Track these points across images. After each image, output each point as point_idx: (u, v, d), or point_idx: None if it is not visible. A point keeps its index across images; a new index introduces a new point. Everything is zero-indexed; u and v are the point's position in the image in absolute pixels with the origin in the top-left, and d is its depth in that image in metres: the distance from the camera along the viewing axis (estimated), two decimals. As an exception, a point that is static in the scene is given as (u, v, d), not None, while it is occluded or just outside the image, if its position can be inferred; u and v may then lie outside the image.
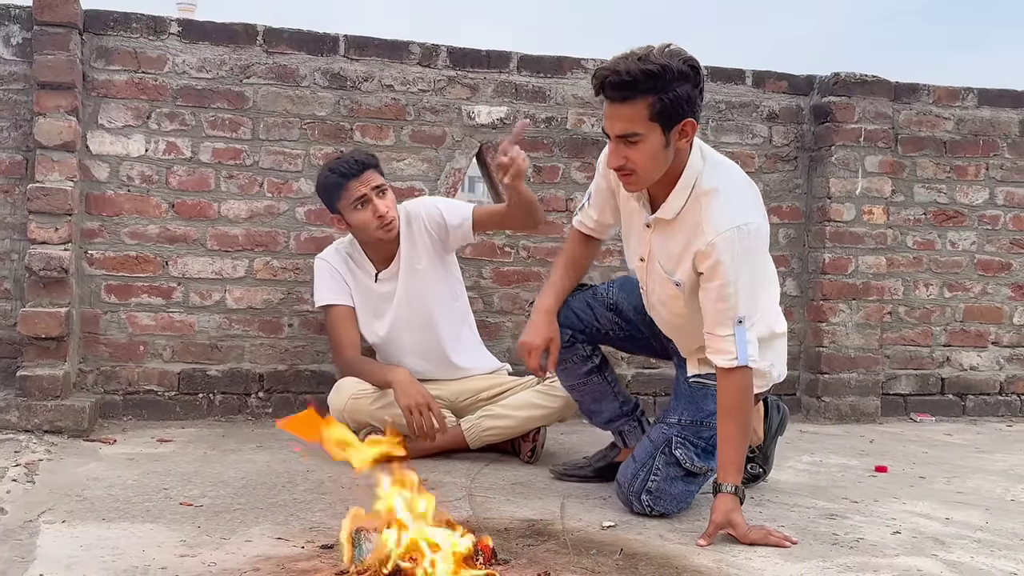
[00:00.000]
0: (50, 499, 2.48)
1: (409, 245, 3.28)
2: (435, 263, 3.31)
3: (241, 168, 3.76)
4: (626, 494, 2.55)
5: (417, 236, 3.28)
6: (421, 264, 3.28)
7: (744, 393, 2.37)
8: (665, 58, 2.23)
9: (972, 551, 2.30)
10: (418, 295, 3.29)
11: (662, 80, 2.21)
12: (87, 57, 3.60)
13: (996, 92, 4.51)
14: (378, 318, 3.31)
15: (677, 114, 2.26)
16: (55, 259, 3.38)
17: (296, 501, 2.56)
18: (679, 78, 2.23)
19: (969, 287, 4.50)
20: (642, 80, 2.20)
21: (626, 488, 2.55)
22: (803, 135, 4.33)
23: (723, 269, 2.31)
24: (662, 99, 2.22)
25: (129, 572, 1.94)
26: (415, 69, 3.91)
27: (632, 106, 2.23)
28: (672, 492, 2.52)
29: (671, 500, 2.53)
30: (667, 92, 2.22)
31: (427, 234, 3.28)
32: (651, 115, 2.24)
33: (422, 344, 3.31)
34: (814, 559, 2.20)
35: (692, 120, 2.30)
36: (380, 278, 3.30)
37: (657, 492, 2.51)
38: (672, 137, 2.29)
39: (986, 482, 3.13)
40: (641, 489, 2.51)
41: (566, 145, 4.07)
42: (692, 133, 2.33)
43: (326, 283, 3.30)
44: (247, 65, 3.75)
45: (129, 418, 3.66)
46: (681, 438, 2.55)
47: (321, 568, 1.98)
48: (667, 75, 2.21)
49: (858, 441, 3.79)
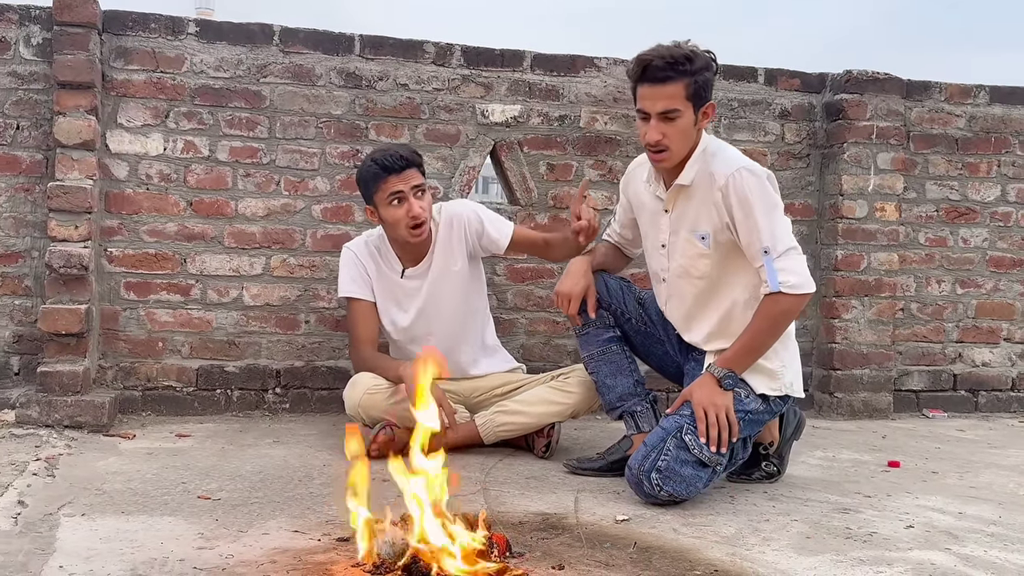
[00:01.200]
0: (70, 493, 2.49)
1: (447, 247, 3.26)
2: (469, 266, 3.31)
3: (258, 166, 3.76)
4: (636, 474, 2.54)
5: (456, 239, 3.27)
6: (457, 266, 3.27)
7: (775, 317, 2.58)
8: (688, 48, 2.56)
9: (985, 545, 2.29)
10: (449, 295, 3.28)
11: (696, 65, 2.54)
12: (106, 57, 3.61)
13: (1008, 89, 4.48)
14: (402, 311, 3.29)
15: (704, 97, 2.59)
16: (75, 256, 3.38)
17: (312, 495, 2.55)
18: (706, 66, 2.58)
19: (981, 283, 4.47)
20: (682, 63, 2.53)
21: (636, 468, 2.55)
22: (815, 132, 4.30)
23: (739, 206, 2.57)
24: (696, 81, 2.54)
25: (147, 564, 1.94)
26: (429, 68, 3.91)
27: (673, 86, 2.53)
28: (682, 473, 2.52)
29: (680, 481, 2.52)
30: (699, 76, 2.55)
31: (466, 239, 3.27)
32: (687, 95, 2.55)
33: (445, 343, 3.27)
34: (828, 552, 2.18)
35: (713, 103, 2.63)
36: (407, 275, 3.28)
37: (666, 471, 2.51)
38: (699, 117, 2.60)
39: (999, 477, 3.10)
40: (651, 468, 2.51)
41: (579, 143, 4.06)
42: (712, 115, 2.64)
43: (349, 274, 3.28)
44: (264, 65, 3.75)
45: (148, 413, 3.67)
46: (692, 427, 2.56)
47: (337, 560, 1.98)
48: (698, 62, 2.55)
49: (871, 437, 3.77)
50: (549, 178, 4.03)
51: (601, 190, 4.06)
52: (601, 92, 4.06)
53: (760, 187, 2.59)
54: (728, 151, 2.68)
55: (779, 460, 2.93)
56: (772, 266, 2.55)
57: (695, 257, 2.70)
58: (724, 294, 2.71)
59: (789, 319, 2.63)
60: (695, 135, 2.63)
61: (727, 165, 2.60)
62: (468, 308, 3.34)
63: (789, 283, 2.54)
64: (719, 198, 2.60)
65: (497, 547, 1.99)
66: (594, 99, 4.06)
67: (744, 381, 2.63)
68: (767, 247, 2.56)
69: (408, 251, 3.25)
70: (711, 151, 2.65)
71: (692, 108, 2.56)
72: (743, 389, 2.62)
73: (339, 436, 3.33)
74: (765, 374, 2.66)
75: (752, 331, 2.60)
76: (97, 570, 1.89)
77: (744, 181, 2.57)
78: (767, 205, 2.58)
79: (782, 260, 2.55)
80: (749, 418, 2.64)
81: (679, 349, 2.91)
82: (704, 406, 2.57)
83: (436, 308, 3.27)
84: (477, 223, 3.27)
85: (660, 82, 2.53)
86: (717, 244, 2.66)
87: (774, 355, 2.66)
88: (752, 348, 2.61)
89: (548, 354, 4.02)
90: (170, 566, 1.93)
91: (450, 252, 3.26)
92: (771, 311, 2.57)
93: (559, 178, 4.05)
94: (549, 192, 4.03)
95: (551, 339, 4.04)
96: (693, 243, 2.69)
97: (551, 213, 4.02)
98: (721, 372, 2.60)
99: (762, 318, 2.59)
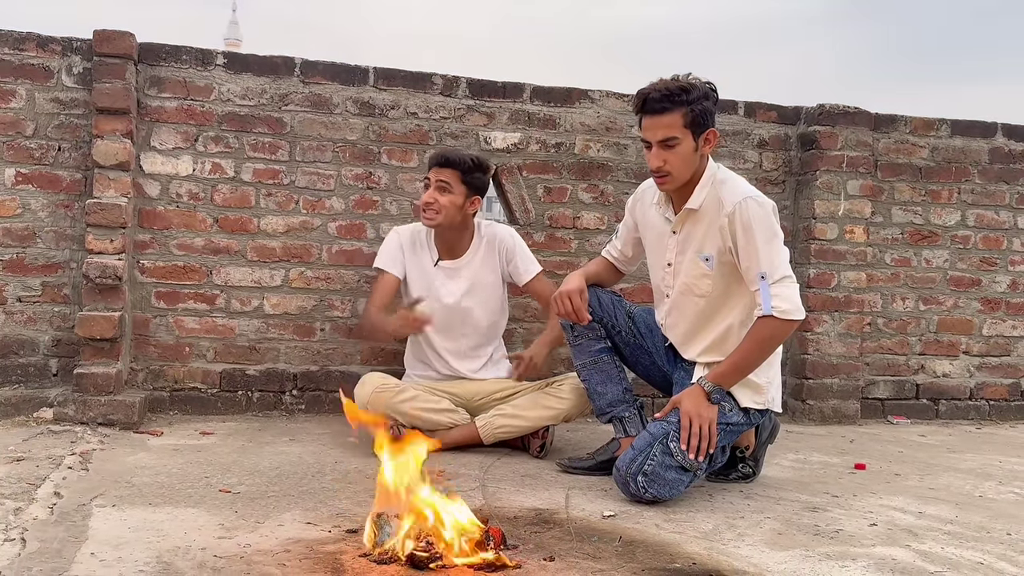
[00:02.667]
0: (102, 485, 2.49)
1: (482, 260, 3.35)
2: (498, 282, 3.40)
3: (279, 187, 3.77)
4: (624, 476, 2.55)
5: (490, 256, 3.37)
6: (489, 278, 3.36)
7: (764, 339, 2.56)
8: (691, 79, 2.58)
9: (943, 542, 2.29)
10: (478, 295, 3.34)
11: (692, 95, 2.54)
12: (141, 85, 3.62)
13: (967, 123, 4.49)
14: (447, 291, 3.33)
15: (704, 124, 2.58)
16: (110, 268, 3.39)
17: (324, 489, 2.56)
18: (704, 96, 2.57)
19: (942, 301, 4.48)
20: (678, 94, 2.53)
21: (624, 470, 2.55)
22: (790, 161, 4.31)
23: (743, 232, 2.55)
24: (693, 110, 2.54)
25: (172, 552, 1.94)
26: (437, 98, 3.92)
27: (671, 115, 2.54)
28: (666, 477, 2.52)
29: (664, 484, 2.52)
30: (696, 105, 2.54)
31: (501, 260, 3.37)
32: (685, 123, 2.55)
33: (463, 346, 3.36)
34: (797, 548, 2.18)
35: (715, 130, 2.61)
36: (441, 264, 3.35)
37: (652, 475, 2.51)
38: (700, 143, 2.59)
39: (956, 479, 3.10)
40: (638, 471, 2.51)
41: (574, 168, 4.07)
42: (714, 141, 2.62)
43: (388, 251, 3.36)
44: (285, 94, 3.76)
45: (175, 412, 3.67)
46: (678, 434, 2.56)
47: (346, 551, 1.98)
48: (696, 92, 2.55)
49: (839, 441, 3.77)
50: (546, 200, 4.04)
51: (593, 212, 4.07)
52: (595, 122, 4.07)
53: (764, 216, 2.56)
54: (738, 181, 2.66)
55: (755, 462, 2.93)
56: (767, 291, 2.53)
57: (699, 276, 2.68)
58: (723, 314, 2.69)
59: (777, 343, 2.61)
60: (697, 160, 2.61)
61: (735, 194, 2.58)
62: (492, 319, 3.41)
63: (781, 308, 2.52)
64: (725, 223, 2.58)
65: (493, 539, 1.99)
66: (588, 128, 4.07)
67: (730, 395, 2.63)
68: (764, 272, 2.53)
69: (445, 243, 3.34)
70: (720, 179, 2.64)
71: (691, 135, 2.56)
72: (728, 403, 2.62)
73: (350, 435, 3.34)
74: (751, 388, 2.65)
75: (742, 351, 2.58)
76: (125, 557, 1.90)
77: (750, 209, 2.55)
78: (768, 234, 2.56)
79: (777, 287, 2.53)
80: (730, 429, 2.65)
81: (667, 359, 2.91)
82: (691, 415, 2.56)
83: (457, 302, 3.32)
84: (511, 251, 3.38)
85: (658, 113, 2.55)
86: (720, 265, 2.64)
87: (761, 371, 2.65)
88: (741, 367, 2.59)
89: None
90: (192, 554, 1.93)
91: (485, 264, 3.36)
92: (761, 333, 2.55)
93: (555, 200, 4.06)
94: (546, 212, 4.04)
95: (546, 348, 4.03)
96: (698, 264, 2.67)
97: (547, 232, 4.03)
98: (711, 387, 2.58)
99: (752, 339, 2.57)
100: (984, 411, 4.51)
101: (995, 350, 4.54)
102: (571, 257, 4.01)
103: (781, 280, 2.55)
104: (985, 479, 3.13)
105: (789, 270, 2.58)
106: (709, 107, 2.58)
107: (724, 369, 2.60)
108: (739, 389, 2.63)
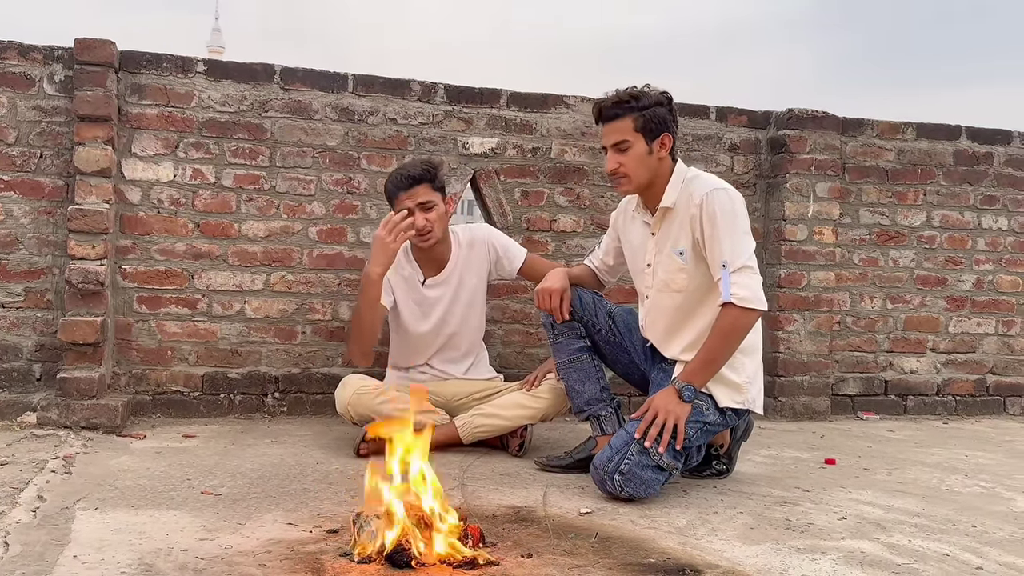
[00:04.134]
0: (85, 488, 2.47)
1: (465, 264, 3.32)
2: (481, 286, 3.37)
3: (260, 192, 3.76)
4: (601, 474, 2.55)
5: (475, 259, 3.33)
6: (472, 282, 3.33)
7: (726, 330, 2.57)
8: (643, 88, 2.67)
9: (910, 535, 2.31)
10: (462, 303, 3.32)
11: (643, 102, 2.63)
12: (122, 92, 3.60)
13: (932, 126, 4.54)
14: (424, 317, 3.30)
15: (656, 129, 2.64)
16: (92, 273, 3.37)
17: (306, 490, 2.54)
18: (655, 103, 2.65)
19: (909, 299, 4.51)
20: (628, 100, 2.63)
21: (601, 469, 2.55)
22: (761, 164, 4.34)
23: (708, 221, 2.59)
24: (643, 115, 2.63)
25: (154, 554, 1.93)
26: (416, 104, 3.92)
27: (622, 121, 2.64)
28: (642, 477, 2.53)
29: (640, 484, 2.53)
30: (647, 111, 2.63)
31: (484, 260, 3.34)
32: (635, 128, 2.63)
33: (450, 352, 3.36)
34: (768, 542, 2.20)
35: (669, 134, 2.67)
36: (428, 284, 3.31)
37: (628, 474, 2.51)
38: (654, 147, 2.65)
39: (923, 473, 3.13)
40: (615, 470, 2.52)
41: (551, 172, 4.08)
42: (670, 144, 2.68)
43: None
44: (265, 100, 3.75)
45: (158, 416, 3.65)
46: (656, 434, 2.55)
47: (327, 550, 1.98)
48: (646, 99, 2.64)
49: (810, 437, 3.79)
50: (523, 203, 4.05)
51: (570, 215, 4.08)
52: (570, 127, 4.08)
53: (730, 206, 2.59)
54: (707, 176, 2.71)
55: (728, 460, 2.94)
56: (727, 279, 2.54)
57: (675, 272, 2.69)
58: (700, 312, 2.69)
59: (741, 334, 2.58)
60: (655, 163, 2.66)
61: (705, 186, 2.63)
62: (472, 319, 3.38)
63: (739, 296, 2.53)
64: (696, 213, 2.61)
65: (472, 537, 2.00)
66: (564, 133, 4.08)
67: (707, 395, 2.63)
68: (726, 261, 2.55)
69: (428, 259, 3.29)
70: (690, 176, 2.69)
71: (643, 139, 2.63)
72: (704, 402, 2.62)
73: (332, 437, 3.33)
74: (731, 387, 2.65)
75: (707, 345, 2.59)
76: (108, 559, 1.88)
77: (717, 199, 2.59)
78: (733, 224, 2.58)
79: (738, 275, 2.54)
80: (707, 428, 2.65)
81: (646, 358, 2.92)
82: (659, 409, 2.57)
83: (452, 317, 3.31)
84: (497, 245, 3.37)
85: (611, 119, 2.65)
86: (695, 259, 2.65)
87: (741, 369, 2.66)
88: (708, 361, 2.59)
89: (522, 362, 4.02)
90: (174, 555, 1.92)
91: (467, 269, 3.33)
92: (723, 323, 2.56)
93: (532, 203, 4.06)
94: (523, 216, 4.05)
95: (524, 348, 4.04)
96: (673, 259, 2.69)
97: (524, 235, 4.03)
98: (680, 384, 2.59)
99: (716, 331, 2.57)
100: (951, 406, 4.55)
101: (961, 347, 4.58)
102: (548, 259, 4.00)
103: (741, 269, 2.55)
104: (951, 473, 3.16)
105: (753, 261, 2.59)
106: (662, 113, 2.64)
107: (694, 366, 2.60)
108: (718, 388, 2.64)
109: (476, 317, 3.40)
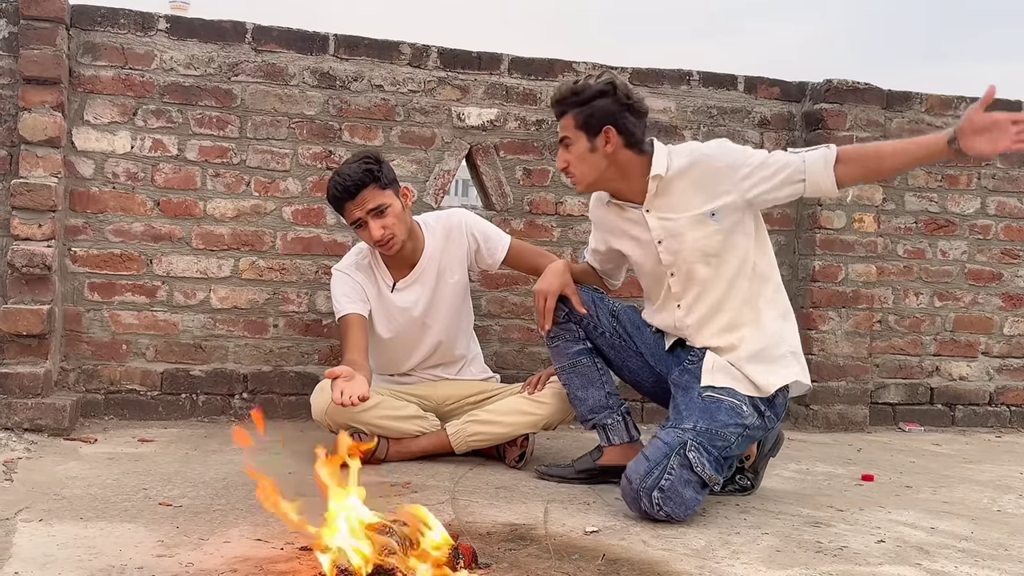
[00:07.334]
0: (28, 497, 2.48)
1: (444, 257, 3.26)
2: (463, 278, 3.32)
3: (228, 167, 3.76)
4: (636, 490, 2.53)
5: (455, 251, 3.28)
6: (454, 278, 3.28)
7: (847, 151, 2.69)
8: (587, 82, 2.76)
9: (956, 560, 2.31)
10: (444, 305, 3.27)
11: (583, 96, 2.73)
12: (74, 52, 3.60)
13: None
14: (390, 325, 3.26)
15: (597, 124, 2.72)
16: (38, 256, 3.37)
17: (277, 503, 2.55)
18: (597, 96, 2.72)
19: (959, 296, 4.52)
20: (568, 97, 2.76)
21: (637, 484, 2.53)
22: (794, 141, 4.34)
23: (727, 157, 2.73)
24: (582, 112, 2.73)
25: (105, 571, 1.93)
26: (405, 69, 3.92)
27: (565, 119, 2.78)
28: (683, 495, 2.53)
29: (680, 503, 2.52)
30: (584, 107, 2.72)
31: (464, 250, 3.28)
32: (576, 125, 2.75)
33: (437, 361, 3.35)
34: (797, 567, 2.20)
35: (611, 127, 2.72)
36: (397, 287, 3.25)
37: (669, 491, 2.51)
38: (598, 143, 2.73)
39: (973, 492, 3.14)
40: (654, 486, 2.51)
41: (556, 148, 4.07)
42: (615, 139, 2.73)
43: (344, 292, 3.19)
44: (235, 63, 3.75)
45: (111, 417, 3.66)
46: (696, 443, 2.56)
47: (300, 570, 1.98)
48: (584, 94, 2.73)
49: (846, 450, 3.80)
50: (525, 183, 4.05)
51: (578, 197, 4.07)
52: (579, 97, 4.08)
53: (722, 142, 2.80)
54: (684, 143, 2.88)
55: (754, 475, 2.95)
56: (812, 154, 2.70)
57: (705, 236, 2.72)
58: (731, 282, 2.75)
59: None
60: (599, 160, 2.75)
61: (696, 146, 2.82)
62: (459, 321, 3.35)
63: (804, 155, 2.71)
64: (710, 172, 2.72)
65: (463, 558, 2.00)
66: (572, 104, 4.07)
67: (745, 395, 2.65)
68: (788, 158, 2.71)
69: (396, 262, 3.24)
70: (670, 149, 2.80)
71: (584, 135, 2.74)
72: (742, 402, 2.63)
73: (307, 443, 3.33)
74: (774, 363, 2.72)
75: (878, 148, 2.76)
76: (53, 577, 1.89)
77: (717, 143, 2.80)
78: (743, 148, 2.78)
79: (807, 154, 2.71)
80: (747, 434, 2.66)
81: (662, 356, 2.91)
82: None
83: (430, 317, 3.27)
84: (476, 235, 3.29)
85: (558, 117, 2.82)
86: (726, 213, 2.72)
87: (781, 341, 2.75)
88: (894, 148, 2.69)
89: (522, 362, 4.03)
90: (128, 574, 1.93)
91: (446, 263, 3.27)
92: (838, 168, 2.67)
93: (536, 183, 4.06)
94: (525, 197, 4.05)
95: (525, 346, 4.05)
96: (699, 223, 2.72)
97: (527, 219, 4.03)
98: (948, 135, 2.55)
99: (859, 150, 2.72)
100: (1004, 418, 4.56)
101: (1017, 351, 4.59)
102: (553, 247, 4.00)
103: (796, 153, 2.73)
104: (1004, 492, 3.16)
105: None
106: (606, 105, 2.72)
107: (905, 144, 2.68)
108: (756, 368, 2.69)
109: (460, 318, 3.35)
